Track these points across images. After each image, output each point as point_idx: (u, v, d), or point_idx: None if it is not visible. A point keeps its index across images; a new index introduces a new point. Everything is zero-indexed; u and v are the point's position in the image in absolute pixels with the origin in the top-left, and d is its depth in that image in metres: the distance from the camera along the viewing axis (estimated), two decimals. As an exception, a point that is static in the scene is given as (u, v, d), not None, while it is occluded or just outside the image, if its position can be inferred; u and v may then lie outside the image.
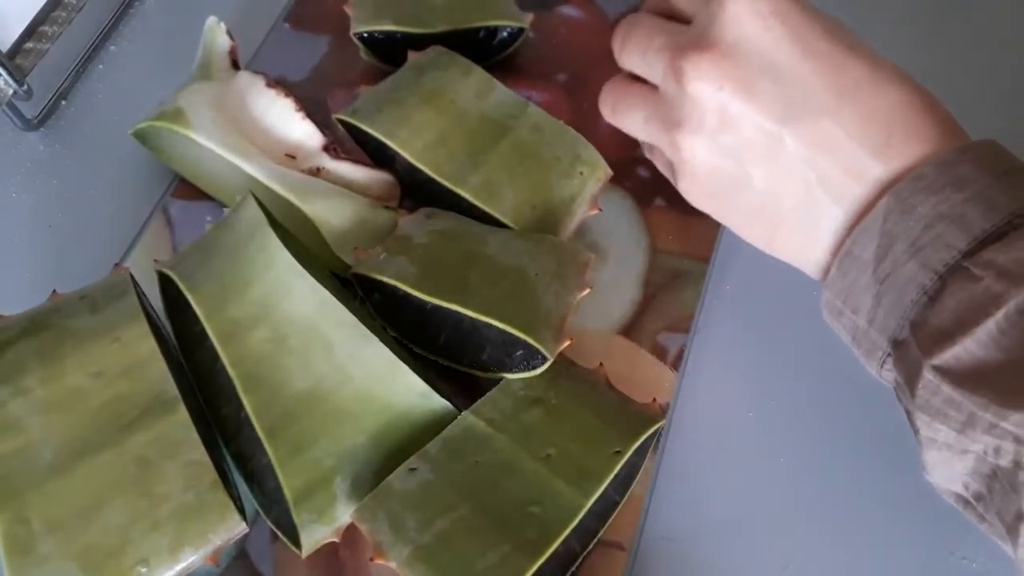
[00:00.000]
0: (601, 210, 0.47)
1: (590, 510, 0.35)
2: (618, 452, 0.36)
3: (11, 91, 0.49)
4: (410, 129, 0.45)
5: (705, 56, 0.34)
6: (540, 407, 0.38)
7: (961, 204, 0.31)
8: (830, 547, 0.40)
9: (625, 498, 0.39)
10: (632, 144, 0.46)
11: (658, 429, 0.38)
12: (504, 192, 0.41)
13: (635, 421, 0.38)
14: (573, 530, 0.34)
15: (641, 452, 0.38)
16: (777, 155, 0.34)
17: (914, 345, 0.32)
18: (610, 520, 0.38)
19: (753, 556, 0.40)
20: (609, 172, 0.47)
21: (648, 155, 0.42)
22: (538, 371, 0.38)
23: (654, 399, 0.39)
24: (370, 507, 0.36)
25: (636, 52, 0.38)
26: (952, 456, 0.32)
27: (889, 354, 0.34)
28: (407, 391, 0.38)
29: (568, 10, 0.56)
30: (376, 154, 0.47)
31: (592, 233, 0.47)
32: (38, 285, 0.42)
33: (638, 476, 0.39)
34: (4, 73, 0.48)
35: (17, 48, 0.50)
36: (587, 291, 0.40)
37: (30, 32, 0.50)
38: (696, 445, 0.41)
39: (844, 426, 0.43)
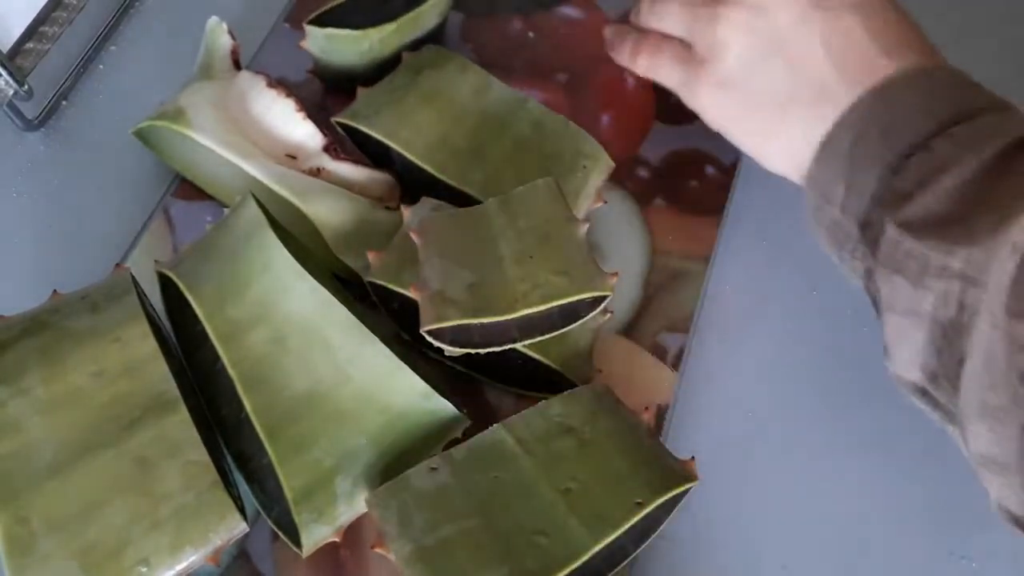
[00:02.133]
0: (606, 202, 0.47)
1: (597, 554, 0.34)
2: (640, 503, 0.35)
3: (12, 91, 0.49)
4: (411, 130, 0.45)
5: (740, 9, 0.38)
6: (572, 438, 0.37)
7: (932, 99, 0.34)
8: (830, 547, 0.40)
9: (639, 550, 0.37)
10: (633, 144, 0.46)
11: (688, 489, 0.36)
12: (508, 188, 0.41)
13: (666, 476, 0.36)
14: (575, 570, 0.33)
15: (666, 508, 0.36)
16: (804, 39, 0.37)
17: (878, 212, 0.34)
18: (619, 568, 0.37)
19: (753, 556, 0.40)
20: (611, 164, 0.47)
21: (648, 69, 0.43)
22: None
23: (692, 457, 0.37)
24: (384, 495, 0.36)
25: None
26: (909, 326, 0.33)
27: (859, 240, 0.36)
28: (407, 391, 0.38)
29: (568, 10, 0.56)
30: (376, 155, 0.47)
31: (592, 233, 0.47)
32: (38, 285, 0.42)
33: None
34: (4, 73, 0.48)
35: (18, 48, 0.50)
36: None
37: (31, 32, 0.50)
38: (696, 445, 0.41)
39: (844, 426, 0.43)
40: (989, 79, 0.36)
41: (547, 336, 0.38)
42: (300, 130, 0.46)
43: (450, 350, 0.38)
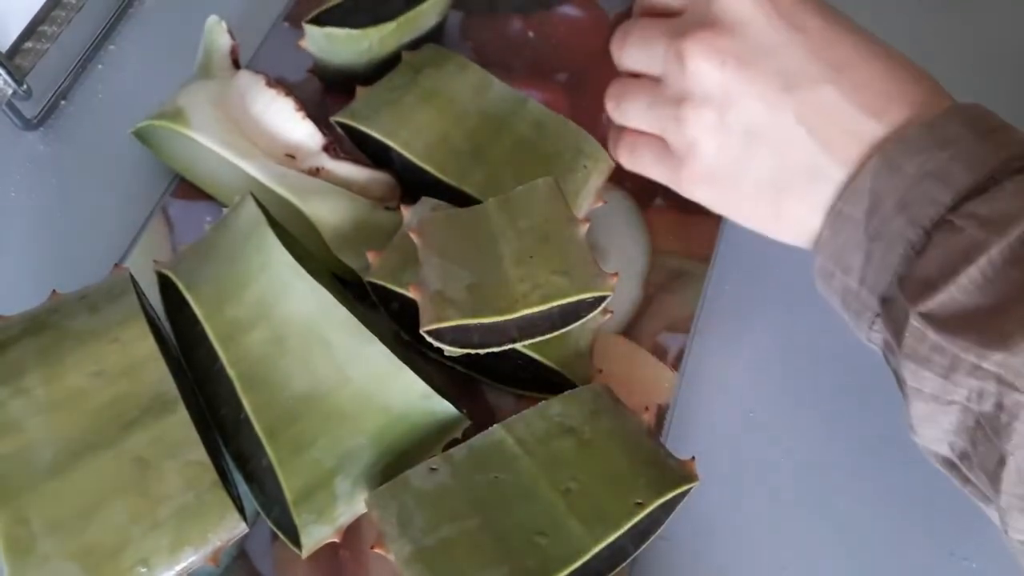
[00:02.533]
0: (606, 202, 0.47)
1: (597, 554, 0.34)
2: (640, 504, 0.34)
3: (11, 91, 0.49)
4: (411, 129, 0.45)
5: (705, 35, 0.35)
6: (572, 438, 0.37)
7: (946, 162, 0.32)
8: (830, 547, 0.40)
9: (639, 551, 0.37)
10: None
11: (689, 490, 0.36)
12: (508, 188, 0.41)
13: (667, 476, 0.36)
14: (575, 571, 0.33)
15: (666, 508, 0.36)
16: (781, 124, 0.35)
17: (901, 297, 0.33)
18: (619, 568, 0.37)
19: (753, 556, 0.40)
20: (612, 164, 0.47)
21: (631, 165, 0.42)
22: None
23: (692, 457, 0.37)
24: (384, 496, 0.36)
25: (636, 46, 0.39)
26: (937, 409, 0.32)
27: (878, 314, 0.35)
28: (407, 392, 0.38)
29: (568, 10, 0.56)
30: (375, 154, 0.47)
31: (592, 233, 0.47)
32: (38, 285, 0.42)
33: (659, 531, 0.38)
34: (4, 73, 0.48)
35: (17, 48, 0.50)
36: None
37: (30, 32, 0.50)
38: (696, 445, 0.41)
39: (844, 426, 0.43)
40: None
41: (547, 336, 0.38)
42: (299, 129, 0.46)
43: (450, 350, 0.38)
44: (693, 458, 0.37)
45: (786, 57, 0.35)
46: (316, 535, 0.36)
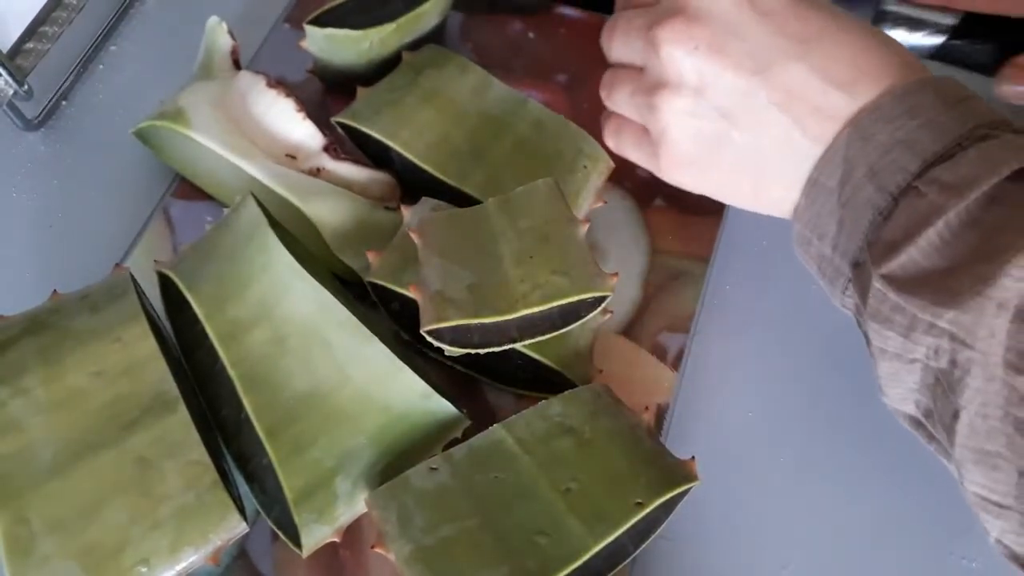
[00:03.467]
0: (606, 202, 0.47)
1: (597, 554, 0.34)
2: (640, 503, 0.35)
3: (11, 91, 0.49)
4: (411, 130, 0.45)
5: (676, 22, 0.36)
6: (572, 438, 0.37)
7: (915, 130, 0.33)
8: (830, 547, 0.40)
9: (639, 550, 0.37)
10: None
11: (689, 490, 0.36)
12: (508, 188, 0.41)
13: (666, 475, 0.36)
14: (575, 570, 0.33)
15: (666, 508, 0.37)
16: (754, 106, 0.36)
17: (868, 261, 0.34)
18: (619, 568, 0.37)
19: (753, 556, 0.40)
20: (612, 164, 0.47)
21: (616, 148, 0.43)
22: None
23: (692, 457, 0.37)
24: (384, 496, 0.36)
25: (619, 39, 0.40)
26: (901, 368, 0.34)
27: (850, 279, 0.35)
28: (407, 391, 0.38)
29: (568, 10, 0.56)
30: (375, 154, 0.47)
31: (592, 233, 0.47)
32: (38, 285, 0.42)
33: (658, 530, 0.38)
34: (4, 73, 0.48)
35: (17, 48, 0.50)
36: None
37: (30, 32, 0.50)
38: (696, 445, 0.41)
39: (844, 426, 0.43)
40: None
41: (547, 336, 0.38)
42: (300, 130, 0.46)
43: (450, 350, 0.38)
44: (693, 458, 0.37)
45: (754, 39, 0.36)
46: (316, 535, 0.36)
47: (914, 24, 0.52)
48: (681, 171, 0.40)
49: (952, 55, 0.51)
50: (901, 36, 0.51)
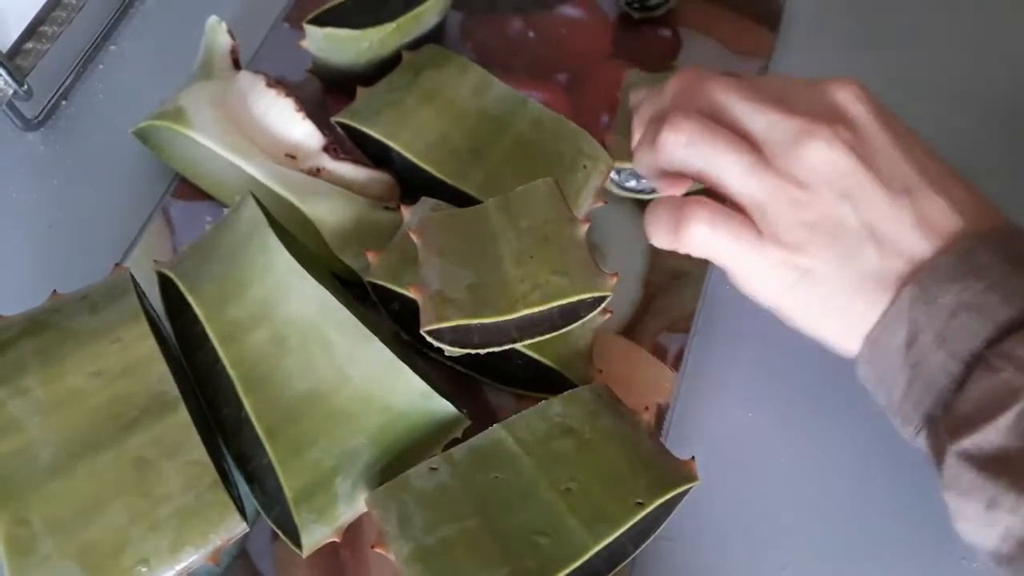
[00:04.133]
0: (606, 202, 0.47)
1: (597, 554, 0.34)
2: (640, 504, 0.35)
3: (11, 91, 0.49)
4: (411, 130, 0.45)
5: (834, 123, 0.35)
6: (572, 438, 0.37)
7: (982, 293, 0.33)
8: (830, 547, 0.40)
9: (639, 550, 0.37)
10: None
11: (689, 490, 0.36)
12: (508, 188, 0.41)
13: (666, 476, 0.36)
14: (575, 570, 0.33)
15: (666, 508, 0.37)
16: (899, 224, 0.35)
17: (942, 428, 0.33)
18: (619, 568, 0.37)
19: (753, 556, 0.40)
20: (612, 164, 0.47)
21: (704, 239, 0.37)
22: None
23: (692, 457, 0.37)
24: (384, 495, 0.36)
25: (743, 104, 0.37)
26: (982, 526, 0.33)
27: (921, 428, 0.35)
28: (407, 391, 0.38)
29: (568, 10, 0.56)
30: (375, 154, 0.47)
31: (592, 233, 0.47)
32: (38, 285, 0.42)
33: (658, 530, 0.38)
34: (4, 73, 0.48)
35: (17, 48, 0.50)
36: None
37: (30, 32, 0.50)
38: (696, 445, 0.41)
39: (844, 426, 0.43)
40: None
41: (547, 336, 0.38)
42: (299, 129, 0.46)
43: (450, 350, 0.38)
44: (693, 458, 0.37)
45: (898, 163, 0.35)
46: (316, 535, 0.36)
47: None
48: (781, 273, 0.36)
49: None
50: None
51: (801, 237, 0.35)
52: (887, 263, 0.35)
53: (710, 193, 0.38)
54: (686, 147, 0.37)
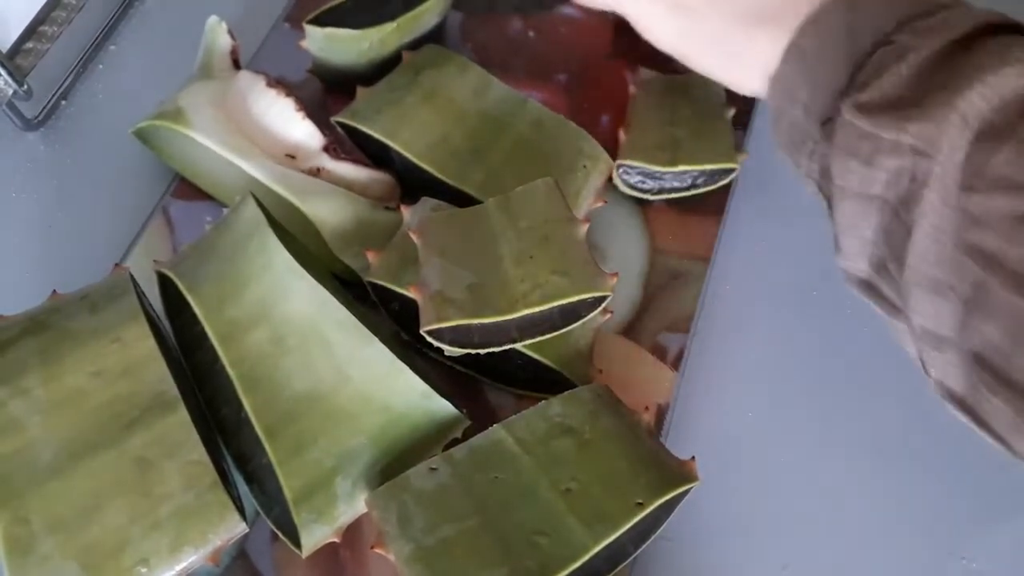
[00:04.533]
0: (606, 202, 0.47)
1: (597, 554, 0.34)
2: (640, 504, 0.35)
3: (11, 91, 0.49)
4: (411, 130, 0.45)
5: None
6: (572, 438, 0.37)
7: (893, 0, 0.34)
8: (830, 547, 0.40)
9: (639, 550, 0.37)
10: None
11: (689, 490, 0.36)
12: (508, 188, 0.41)
13: (666, 476, 0.36)
14: (575, 571, 0.33)
15: (666, 508, 0.37)
16: None
17: (837, 103, 0.34)
18: (619, 568, 0.37)
19: (753, 556, 0.40)
20: (612, 164, 0.47)
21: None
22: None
23: (692, 457, 0.37)
24: (384, 496, 0.36)
25: None
26: (860, 209, 0.34)
27: (817, 141, 0.35)
28: (407, 391, 0.38)
29: (568, 10, 0.56)
30: (376, 154, 0.47)
31: (592, 233, 0.47)
32: (38, 285, 0.42)
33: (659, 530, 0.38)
34: (4, 73, 0.48)
35: (17, 48, 0.50)
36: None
37: (30, 32, 0.50)
38: (696, 445, 0.41)
39: (844, 426, 0.43)
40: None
41: (547, 336, 0.38)
42: (300, 130, 0.46)
43: (450, 350, 0.38)
44: (693, 458, 0.37)
45: None
46: (316, 535, 0.36)
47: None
48: (672, 19, 0.39)
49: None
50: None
51: None
52: None
53: None
54: None
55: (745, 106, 0.50)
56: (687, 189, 0.48)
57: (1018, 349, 0.29)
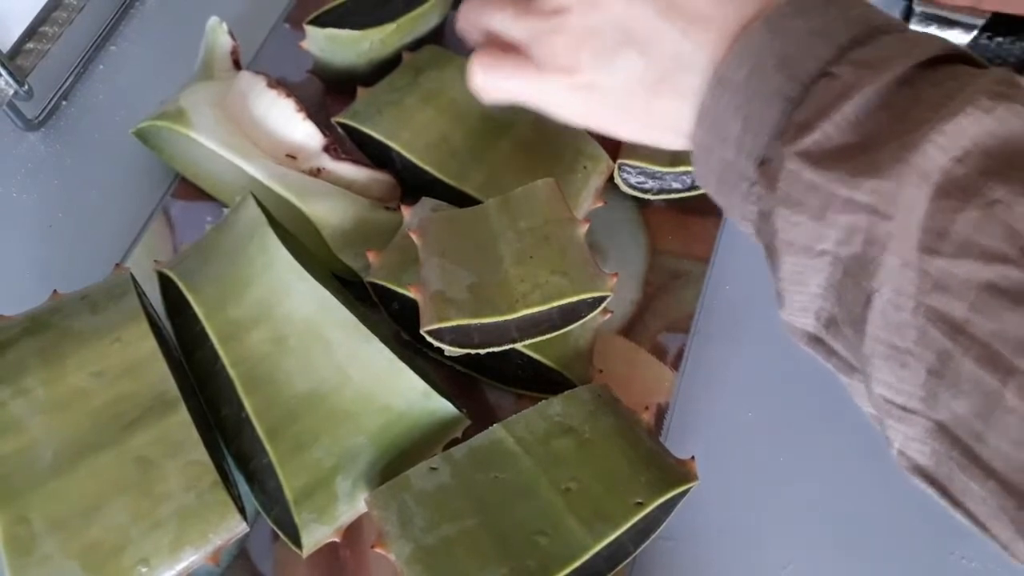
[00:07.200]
0: (606, 202, 0.47)
1: (597, 554, 0.34)
2: (640, 503, 0.35)
3: (12, 91, 0.49)
4: (412, 130, 0.45)
5: None
6: (572, 437, 0.37)
7: (830, 22, 0.32)
8: (830, 547, 0.41)
9: (639, 550, 0.37)
10: (632, 144, 0.46)
11: (689, 490, 0.36)
12: (508, 188, 0.41)
13: (666, 475, 0.36)
14: (575, 570, 0.33)
15: (666, 508, 0.37)
16: (641, 16, 0.35)
17: (777, 146, 0.32)
18: (619, 568, 0.37)
19: (753, 556, 0.40)
20: (612, 165, 0.47)
21: (486, 80, 0.40)
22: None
23: (692, 457, 0.37)
24: (385, 495, 0.36)
25: None
26: (808, 265, 0.32)
27: (754, 183, 0.33)
28: (407, 391, 0.38)
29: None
30: (376, 155, 0.47)
31: (592, 233, 0.47)
32: (38, 285, 0.42)
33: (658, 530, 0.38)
34: (5, 73, 0.48)
35: (18, 48, 0.50)
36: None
37: (31, 32, 0.50)
38: (696, 445, 0.41)
39: (844, 426, 0.43)
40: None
41: (547, 336, 0.38)
42: (300, 130, 0.46)
43: (450, 350, 0.38)
44: (693, 458, 0.37)
45: None
46: (316, 534, 0.36)
47: (944, 23, 0.52)
48: (575, 98, 0.38)
49: (982, 53, 0.52)
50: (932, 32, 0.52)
51: (571, 59, 0.36)
52: (679, 48, 0.34)
53: None
54: (475, 25, 0.41)
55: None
56: (688, 190, 0.48)
57: (991, 431, 0.27)
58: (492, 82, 0.39)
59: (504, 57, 0.39)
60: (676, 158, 0.46)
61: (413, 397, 0.38)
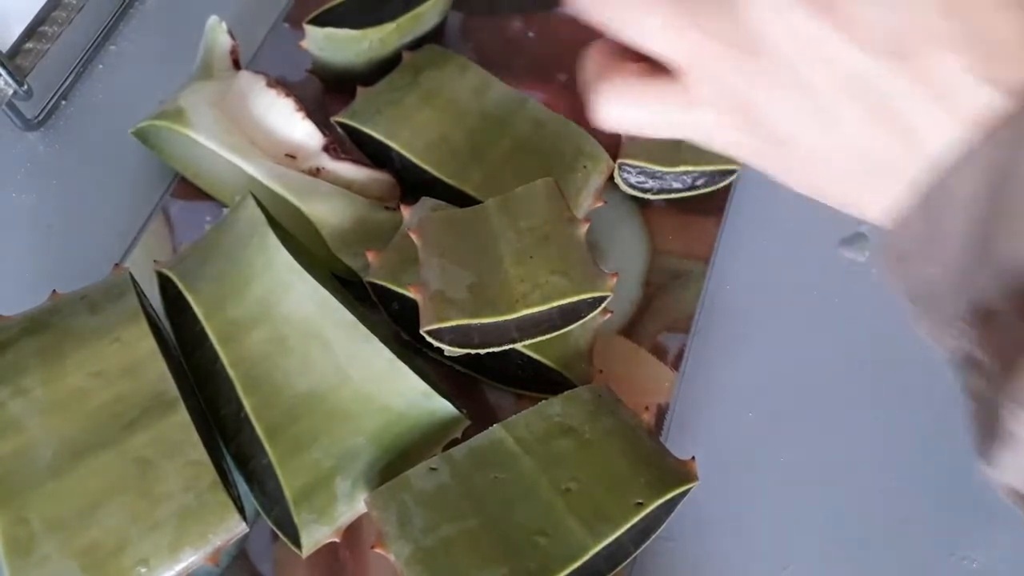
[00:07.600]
0: (606, 202, 0.47)
1: (597, 554, 0.34)
2: (640, 504, 0.35)
3: (11, 91, 0.49)
4: (411, 130, 0.45)
5: None
6: (572, 438, 0.37)
7: None
8: (830, 547, 0.40)
9: (639, 550, 0.37)
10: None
11: (689, 490, 0.36)
12: (508, 188, 0.41)
13: (666, 476, 0.36)
14: (575, 570, 0.33)
15: (666, 508, 0.37)
16: (875, 91, 0.25)
17: (1017, 320, 0.25)
18: (619, 568, 0.37)
19: (753, 556, 0.40)
20: (612, 164, 0.47)
21: (624, 114, 0.29)
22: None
23: (692, 457, 0.37)
24: (384, 496, 0.36)
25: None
26: None
27: (966, 321, 0.26)
28: (407, 391, 0.38)
29: (568, 10, 0.56)
30: (375, 154, 0.47)
31: (592, 233, 0.47)
32: (38, 285, 0.42)
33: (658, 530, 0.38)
34: (4, 73, 0.48)
35: (17, 48, 0.50)
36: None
37: (30, 32, 0.50)
38: (696, 445, 0.41)
39: (844, 426, 0.43)
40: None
41: (547, 336, 0.38)
42: (299, 130, 0.46)
43: (450, 350, 0.38)
44: (693, 458, 0.37)
45: (888, 5, 0.24)
46: (316, 535, 0.36)
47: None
48: (772, 157, 0.28)
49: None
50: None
51: (768, 112, 0.27)
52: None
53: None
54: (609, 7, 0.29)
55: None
56: (688, 189, 0.48)
57: None
58: (621, 111, 0.29)
59: (638, 78, 0.29)
60: (676, 158, 0.46)
61: (413, 397, 0.38)
